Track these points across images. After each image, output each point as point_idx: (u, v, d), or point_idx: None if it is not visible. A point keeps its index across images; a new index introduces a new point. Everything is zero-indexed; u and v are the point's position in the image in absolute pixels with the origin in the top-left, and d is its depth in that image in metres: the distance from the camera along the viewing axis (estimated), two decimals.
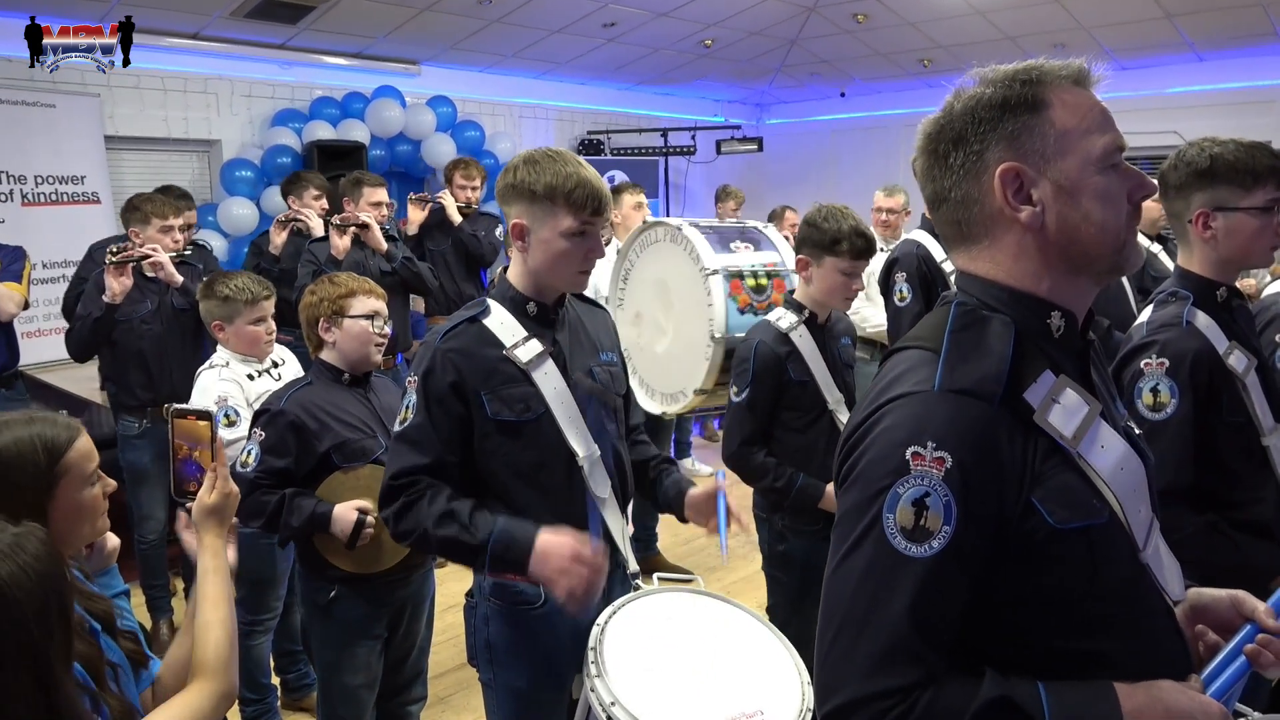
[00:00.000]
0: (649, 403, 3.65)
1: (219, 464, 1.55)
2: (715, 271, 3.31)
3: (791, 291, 2.66)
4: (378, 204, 4.32)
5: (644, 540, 4.39)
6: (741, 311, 3.35)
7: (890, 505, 0.97)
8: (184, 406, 1.61)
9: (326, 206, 4.68)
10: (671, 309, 3.59)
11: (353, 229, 4.13)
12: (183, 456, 1.58)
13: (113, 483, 1.47)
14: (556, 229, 1.77)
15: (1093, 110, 1.06)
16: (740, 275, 3.37)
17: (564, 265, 1.81)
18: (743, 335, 3.21)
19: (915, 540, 0.96)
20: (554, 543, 1.67)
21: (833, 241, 2.45)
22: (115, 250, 3.46)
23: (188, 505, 1.57)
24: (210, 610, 1.44)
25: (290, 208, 4.66)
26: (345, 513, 2.26)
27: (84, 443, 1.40)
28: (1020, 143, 1.05)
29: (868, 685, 0.94)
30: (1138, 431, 1.19)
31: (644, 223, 3.79)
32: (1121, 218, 1.05)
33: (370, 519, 2.27)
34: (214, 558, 1.50)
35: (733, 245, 3.49)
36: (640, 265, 3.75)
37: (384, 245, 4.18)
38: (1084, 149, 1.04)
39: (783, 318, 2.57)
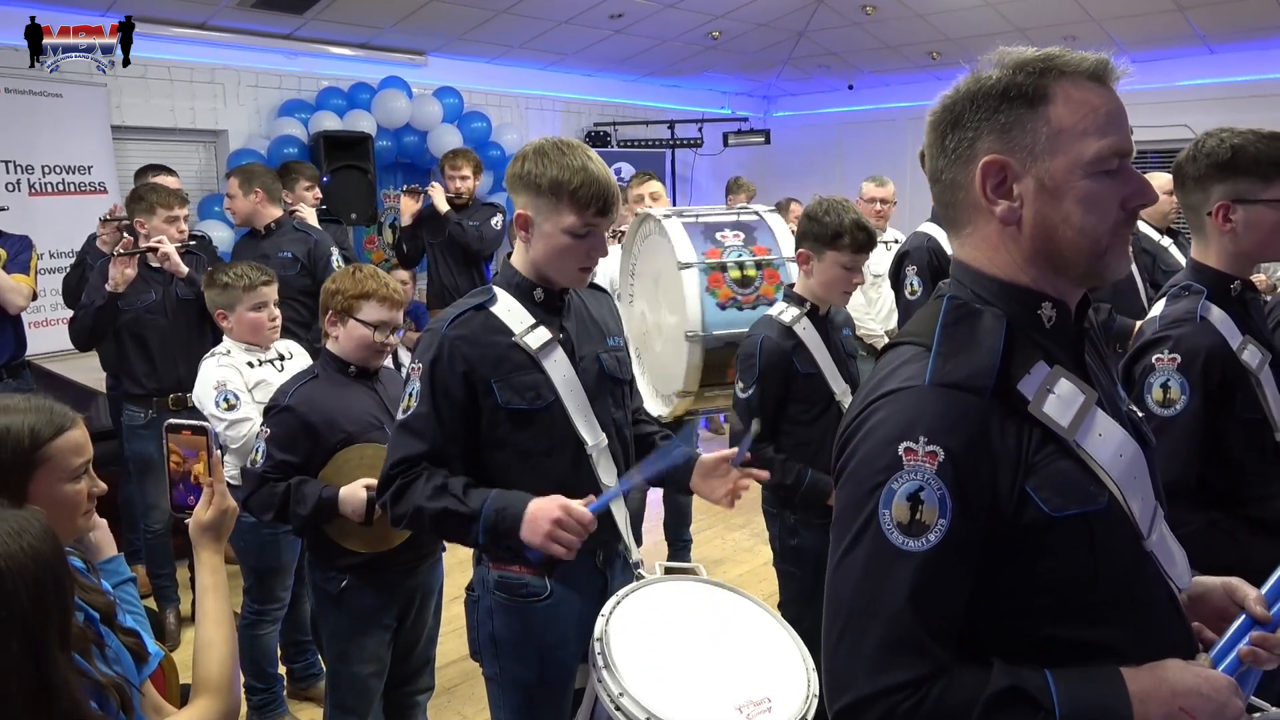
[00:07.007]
0: (653, 404, 3.48)
1: (216, 479, 1.53)
2: (689, 265, 3.13)
3: (791, 285, 2.65)
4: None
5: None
6: (722, 307, 3.16)
7: (885, 501, 0.97)
8: (179, 421, 1.58)
9: (319, 195, 4.67)
10: (660, 307, 3.44)
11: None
12: (179, 471, 1.56)
13: (103, 485, 1.46)
14: (559, 225, 1.75)
15: (1097, 111, 1.01)
16: (722, 268, 3.18)
17: (564, 261, 1.79)
18: (723, 333, 3.10)
19: (912, 534, 0.96)
20: (543, 504, 1.67)
21: (834, 235, 2.45)
22: (121, 241, 3.45)
23: (185, 521, 1.55)
24: (212, 629, 1.44)
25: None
26: (353, 492, 2.21)
27: (74, 436, 1.38)
28: (1011, 136, 1.02)
29: (876, 681, 0.94)
30: (1139, 414, 1.18)
31: (636, 214, 3.64)
32: (1106, 224, 1.02)
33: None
34: (212, 574, 1.48)
35: (719, 235, 3.27)
36: (640, 260, 3.63)
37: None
38: (1076, 150, 1.00)
39: (785, 311, 2.57)
